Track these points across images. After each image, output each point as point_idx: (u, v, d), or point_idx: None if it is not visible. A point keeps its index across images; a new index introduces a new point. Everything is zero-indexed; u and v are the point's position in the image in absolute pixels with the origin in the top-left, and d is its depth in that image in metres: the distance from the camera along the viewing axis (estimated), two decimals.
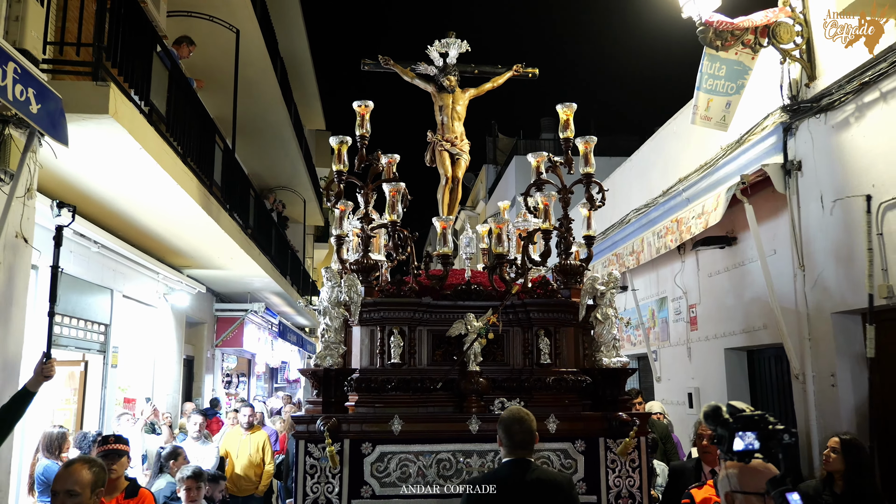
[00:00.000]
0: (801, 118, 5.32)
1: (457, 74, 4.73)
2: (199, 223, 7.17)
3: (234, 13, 8.93)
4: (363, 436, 3.53)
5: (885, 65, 4.45)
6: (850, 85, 4.78)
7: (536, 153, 4.37)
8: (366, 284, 3.87)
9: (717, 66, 5.44)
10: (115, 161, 5.10)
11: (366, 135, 4.24)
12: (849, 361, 5.01)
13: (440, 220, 4.00)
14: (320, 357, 3.74)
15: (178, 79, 6.35)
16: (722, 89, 5.53)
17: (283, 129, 12.77)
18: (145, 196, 6.16)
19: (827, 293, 5.10)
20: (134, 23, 5.05)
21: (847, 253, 4.87)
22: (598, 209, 4.23)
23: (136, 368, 8.89)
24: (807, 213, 5.30)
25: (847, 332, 5.03)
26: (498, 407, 3.66)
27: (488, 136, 22.62)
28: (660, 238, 7.08)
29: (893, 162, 4.47)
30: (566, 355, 3.88)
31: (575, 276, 4.10)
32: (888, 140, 4.52)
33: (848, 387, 4.99)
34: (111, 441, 4.04)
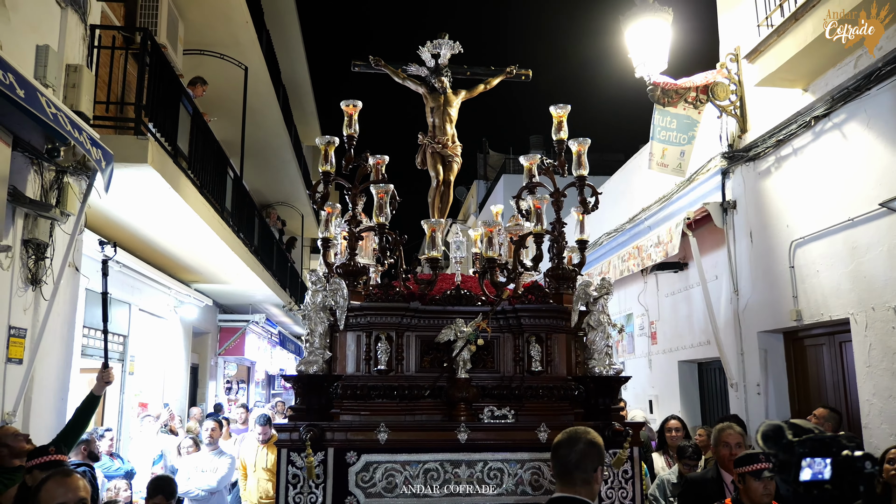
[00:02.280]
0: (736, 164, 6.21)
1: (449, 76, 4.59)
2: (211, 244, 7.99)
3: (243, 52, 9.77)
4: (348, 444, 3.39)
5: (796, 126, 5.34)
6: (771, 140, 5.67)
7: (529, 155, 4.29)
8: (352, 289, 3.71)
9: (668, 119, 6.30)
10: (147, 198, 5.94)
11: (353, 135, 4.07)
12: (772, 373, 5.88)
13: (429, 223, 3.86)
14: (305, 363, 3.58)
15: (198, 120, 7.20)
16: (675, 140, 6.36)
17: (284, 151, 13.62)
18: (166, 223, 6.98)
19: (755, 314, 5.98)
20: (165, 81, 5.90)
21: (770, 281, 5.75)
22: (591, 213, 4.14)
23: (149, 375, 9.67)
24: (739, 245, 6.19)
25: (771, 348, 5.91)
26: (487, 415, 3.54)
27: (479, 153, 23.51)
28: (623, 262, 7.97)
29: (802, 206, 5.35)
30: (558, 362, 3.74)
31: (567, 281, 3.96)
32: (798, 187, 5.40)
33: (772, 393, 5.86)
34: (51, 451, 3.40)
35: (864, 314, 4.69)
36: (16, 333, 4.41)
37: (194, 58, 9.68)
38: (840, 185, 4.93)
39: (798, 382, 5.75)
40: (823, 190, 5.10)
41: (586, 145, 4.04)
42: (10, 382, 4.34)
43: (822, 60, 4.88)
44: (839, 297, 4.94)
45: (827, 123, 5.05)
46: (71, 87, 4.92)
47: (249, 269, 9.62)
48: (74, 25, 5.11)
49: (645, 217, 8.02)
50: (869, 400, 4.66)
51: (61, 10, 4.97)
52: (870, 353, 4.65)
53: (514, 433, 3.47)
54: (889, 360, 4.48)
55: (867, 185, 4.64)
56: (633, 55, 6.10)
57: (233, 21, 9.17)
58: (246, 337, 13.22)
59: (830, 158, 5.04)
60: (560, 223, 4.01)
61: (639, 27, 6.02)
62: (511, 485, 3.41)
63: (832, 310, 5.02)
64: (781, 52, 4.95)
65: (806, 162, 5.32)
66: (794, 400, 5.78)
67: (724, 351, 6.25)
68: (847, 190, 4.85)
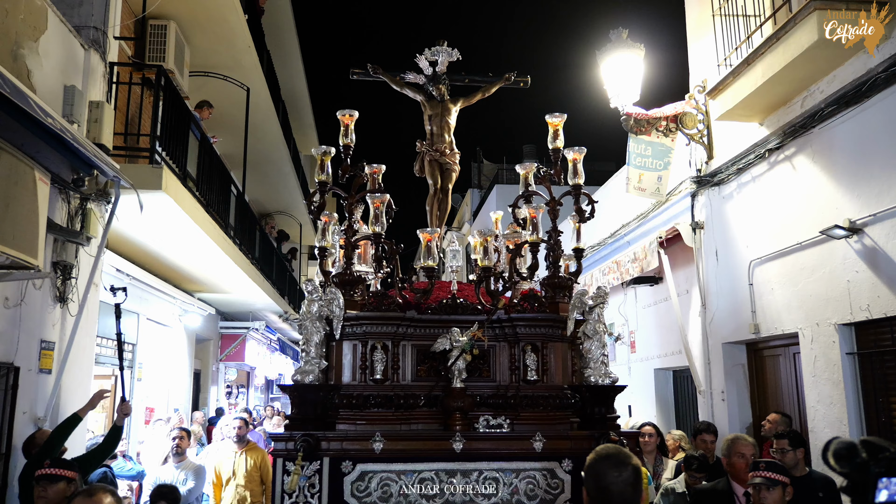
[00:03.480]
0: (704, 188, 6.73)
1: (447, 84, 4.57)
2: (215, 258, 8.48)
3: (245, 73, 10.27)
4: (343, 454, 3.38)
5: (753, 157, 5.86)
6: (732, 167, 6.19)
7: (525, 164, 4.26)
8: (348, 298, 3.70)
9: (644, 147, 6.78)
10: (159, 220, 6.43)
11: (350, 144, 4.05)
12: (735, 381, 6.39)
13: (425, 232, 3.84)
14: (301, 372, 3.58)
15: (205, 144, 7.70)
16: (651, 165, 6.83)
17: (283, 164, 14.12)
18: (175, 240, 7.47)
19: (720, 327, 6.49)
20: (177, 111, 6.40)
21: (733, 296, 6.26)
22: (587, 221, 4.13)
23: (155, 381, 10.14)
24: (707, 263, 6.70)
25: (733, 357, 6.42)
26: (483, 425, 3.51)
27: (473, 162, 24.03)
28: (604, 276, 8.49)
29: (760, 229, 5.86)
30: (554, 371, 3.72)
31: (563, 290, 3.95)
32: (756, 212, 5.92)
33: (734, 400, 6.37)
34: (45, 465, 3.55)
35: (810, 329, 5.20)
36: (46, 346, 4.90)
37: (199, 79, 10.18)
38: (791, 211, 5.44)
39: (758, 390, 6.26)
40: (777, 215, 5.62)
41: (582, 154, 4.04)
42: (41, 391, 4.83)
43: (773, 99, 5.40)
44: (790, 312, 5.45)
45: (780, 155, 5.57)
46: (94, 121, 5.41)
47: (250, 280, 10.11)
48: (96, 64, 5.61)
49: (624, 233, 8.53)
50: (814, 406, 5.17)
51: (84, 51, 5.47)
52: (815, 365, 5.16)
53: (510, 442, 3.48)
54: (830, 371, 4.99)
55: (813, 213, 5.15)
56: (608, 87, 6.61)
57: (236, 46, 9.67)
58: (246, 343, 13.70)
59: (783, 187, 5.56)
60: (556, 232, 3.98)
61: (613, 61, 6.53)
62: (506, 494, 3.42)
63: (784, 324, 5.53)
64: (738, 91, 5.47)
65: (762, 189, 5.84)
66: (754, 406, 6.29)
67: (693, 360, 6.76)
68: (797, 216, 5.36)
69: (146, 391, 9.75)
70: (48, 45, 4.88)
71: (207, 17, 8.89)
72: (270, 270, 12.55)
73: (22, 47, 4.53)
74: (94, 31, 5.71)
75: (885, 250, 4.48)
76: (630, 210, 8.45)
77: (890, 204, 4.44)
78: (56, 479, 3.47)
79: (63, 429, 4.26)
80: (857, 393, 4.83)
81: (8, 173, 3.59)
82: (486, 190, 21.02)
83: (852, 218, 4.73)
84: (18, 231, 3.69)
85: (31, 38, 4.66)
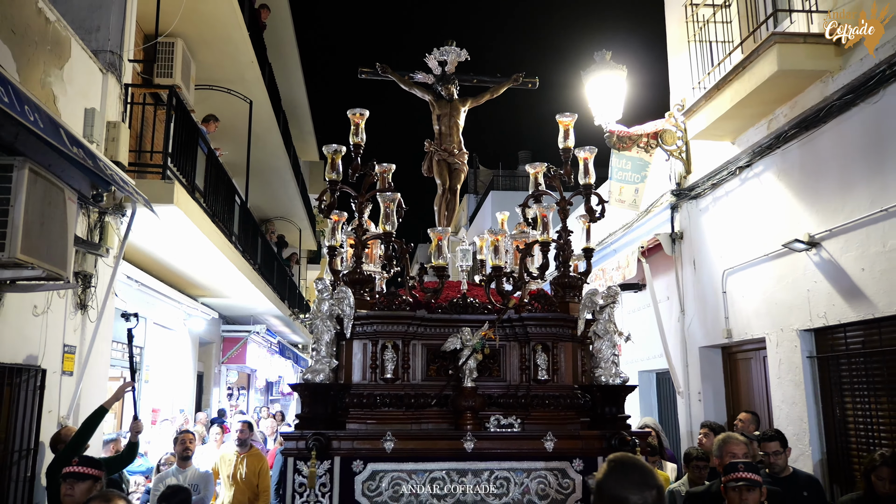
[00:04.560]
0: (682, 201, 7.15)
1: (455, 84, 4.56)
2: (220, 265, 8.88)
3: (248, 87, 10.69)
4: (354, 453, 3.39)
5: (726, 173, 6.28)
6: (708, 182, 6.61)
7: (535, 164, 4.26)
8: (358, 297, 3.70)
9: (624, 162, 7.21)
10: (170, 231, 6.83)
11: (360, 143, 4.02)
12: (710, 382, 6.80)
13: (435, 231, 3.85)
14: (311, 371, 3.58)
15: (212, 158, 8.11)
16: (630, 179, 7.26)
17: (283, 171, 14.54)
18: (183, 248, 7.87)
19: (697, 331, 6.91)
20: (187, 129, 6.81)
21: (708, 303, 6.68)
22: (597, 221, 4.13)
23: (160, 383, 10.53)
24: (685, 271, 7.12)
25: (709, 361, 6.83)
26: (494, 424, 3.50)
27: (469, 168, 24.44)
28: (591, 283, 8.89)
29: (732, 240, 6.28)
30: (564, 371, 3.72)
31: (573, 289, 3.96)
32: (729, 224, 6.34)
33: (710, 400, 6.79)
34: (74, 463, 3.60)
35: (776, 334, 5.61)
36: (68, 350, 5.30)
37: (203, 91, 10.59)
38: (759, 224, 5.86)
39: (732, 390, 6.68)
40: (747, 227, 6.03)
41: (593, 154, 4.04)
42: (64, 392, 5.22)
43: (742, 121, 5.82)
44: (759, 319, 5.87)
45: (749, 173, 5.99)
46: (111, 140, 5.81)
47: (252, 285, 10.51)
48: (113, 86, 6.01)
49: (610, 242, 8.95)
50: (779, 406, 5.58)
51: (103, 75, 5.87)
52: (779, 367, 5.57)
53: (521, 442, 3.48)
54: (793, 374, 5.40)
55: (778, 227, 5.57)
56: (592, 105, 7.03)
57: (239, 61, 10.10)
58: (247, 346, 14.09)
59: (752, 202, 5.98)
60: (566, 231, 3.98)
61: (597, 81, 6.95)
62: (517, 494, 3.42)
63: (753, 330, 5.94)
64: (710, 113, 5.88)
65: (734, 203, 6.26)
66: (729, 405, 6.70)
67: (672, 363, 7.16)
68: (764, 229, 5.77)
69: (153, 393, 10.14)
70: (71, 71, 5.29)
71: (213, 35, 9.31)
72: (271, 275, 12.95)
73: (49, 75, 4.94)
74: (110, 54, 6.12)
75: (839, 263, 4.90)
76: (616, 220, 8.87)
77: (844, 220, 4.85)
78: (84, 477, 3.54)
79: (91, 421, 4.55)
80: (816, 393, 5.24)
81: (43, 195, 3.99)
82: (483, 195, 21.44)
83: (812, 232, 5.15)
84: (52, 247, 4.10)
85: (57, 66, 5.06)
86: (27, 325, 4.72)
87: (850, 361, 4.96)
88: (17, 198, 3.77)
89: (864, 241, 4.66)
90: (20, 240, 3.75)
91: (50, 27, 4.94)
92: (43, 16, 4.84)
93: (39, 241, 3.97)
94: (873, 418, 4.76)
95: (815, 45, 4.88)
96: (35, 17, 4.75)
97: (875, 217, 4.56)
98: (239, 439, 6.03)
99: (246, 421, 6.31)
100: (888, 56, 4.40)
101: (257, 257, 11.32)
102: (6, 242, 3.71)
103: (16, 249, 3.72)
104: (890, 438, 4.57)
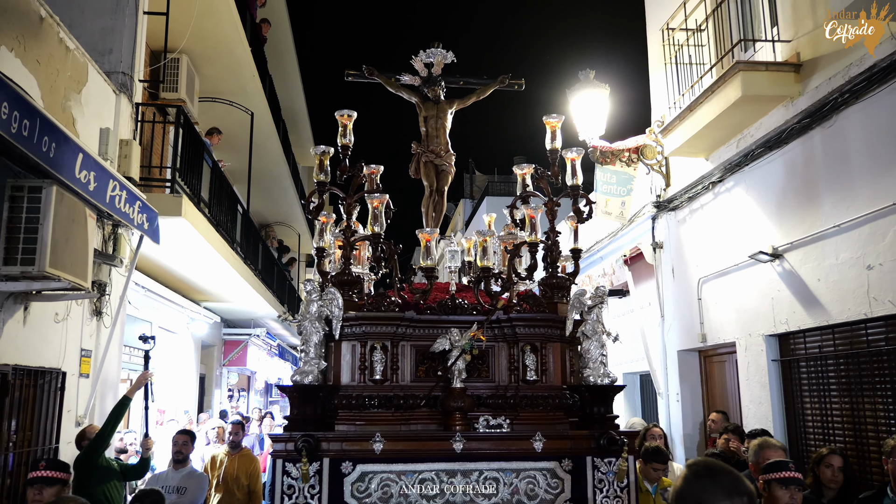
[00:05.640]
0: (662, 212, 7.56)
1: (442, 86, 4.57)
2: (223, 271, 9.28)
3: (249, 99, 11.09)
4: (343, 454, 3.39)
5: (701, 187, 6.69)
6: (685, 196, 7.02)
7: (522, 165, 4.30)
8: (347, 298, 3.71)
9: (609, 175, 7.61)
10: (177, 241, 7.22)
11: (348, 145, 4.02)
12: (688, 384, 7.21)
13: (424, 232, 3.87)
14: (300, 373, 3.58)
15: (216, 171, 8.51)
16: (616, 192, 7.66)
17: (283, 179, 14.94)
18: (188, 257, 8.27)
19: (675, 336, 7.31)
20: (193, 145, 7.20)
21: (686, 309, 7.08)
22: (585, 222, 4.19)
23: (165, 385, 10.91)
24: (665, 279, 7.53)
25: (687, 363, 7.24)
26: (483, 425, 3.52)
27: (465, 173, 24.89)
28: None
29: (706, 250, 6.69)
30: (553, 371, 3.75)
31: (561, 290, 3.99)
32: (704, 235, 6.75)
33: (688, 401, 7.19)
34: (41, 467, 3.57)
35: (745, 339, 6.02)
36: (85, 354, 5.69)
37: (206, 104, 11.00)
38: (730, 236, 6.27)
39: (708, 391, 7.08)
40: (719, 239, 6.44)
41: (580, 155, 4.10)
42: (81, 393, 5.61)
43: (713, 140, 6.23)
44: (730, 324, 6.27)
45: (721, 187, 6.40)
46: (123, 157, 6.20)
47: (254, 290, 10.90)
48: (125, 106, 6.41)
49: (597, 249, 9.35)
50: (748, 406, 5.99)
51: (116, 96, 6.27)
52: (748, 370, 5.98)
53: (510, 442, 3.51)
54: (759, 375, 5.81)
55: (746, 238, 5.97)
56: (577, 121, 7.44)
57: (241, 75, 10.49)
58: (248, 349, 14.48)
59: (724, 214, 6.39)
60: (554, 232, 4.01)
61: (581, 98, 7.36)
62: (506, 494, 3.45)
63: (726, 335, 6.35)
64: (684, 132, 6.29)
65: (709, 215, 6.67)
66: (705, 405, 7.11)
67: (653, 365, 7.58)
68: (735, 240, 6.18)
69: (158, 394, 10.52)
70: (88, 94, 5.68)
71: (216, 51, 9.71)
72: (271, 280, 13.34)
73: (69, 99, 5.33)
74: (122, 75, 6.51)
75: (799, 273, 5.31)
76: (602, 229, 9.28)
77: (803, 234, 5.26)
78: (52, 481, 3.48)
79: (117, 410, 4.91)
80: (780, 394, 5.65)
81: (68, 213, 4.39)
82: (478, 201, 21.86)
83: (775, 245, 5.56)
84: (75, 260, 4.49)
85: (76, 90, 5.46)
86: (49, 331, 5.11)
87: (809, 365, 5.37)
88: (46, 217, 4.17)
89: (820, 253, 5.07)
90: (48, 255, 4.14)
91: (70, 55, 5.33)
92: (64, 45, 5.23)
93: (64, 255, 4.36)
94: (829, 417, 5.16)
95: (777, 73, 5.30)
96: (57, 46, 5.15)
97: (829, 232, 4.97)
98: (232, 441, 6.04)
99: (237, 422, 6.32)
100: (839, 85, 4.82)
101: (258, 263, 11.72)
102: (36, 257, 4.10)
103: (45, 263, 4.12)
104: (843, 436, 4.98)
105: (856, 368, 4.88)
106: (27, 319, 4.76)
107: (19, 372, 4.65)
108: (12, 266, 4.08)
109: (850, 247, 4.78)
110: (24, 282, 4.26)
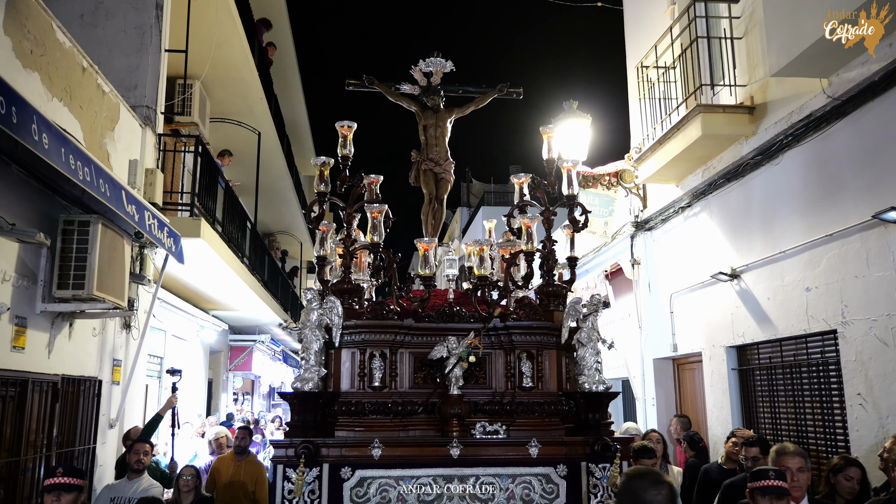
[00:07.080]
0: (640, 231, 8.24)
1: (441, 94, 4.63)
2: (233, 283, 9.94)
3: (257, 119, 11.78)
4: (343, 460, 3.45)
5: (672, 211, 7.37)
6: (659, 217, 7.70)
7: (520, 175, 4.38)
8: (346, 306, 3.78)
9: (591, 198, 8.28)
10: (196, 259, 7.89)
11: (348, 155, 4.10)
12: (662, 389, 7.88)
13: (422, 241, 3.92)
14: (300, 380, 3.66)
15: (229, 192, 9.19)
16: (598, 213, 8.36)
17: (286, 191, 15.63)
18: (204, 272, 8.93)
19: (651, 345, 7.98)
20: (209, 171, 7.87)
21: (660, 321, 7.75)
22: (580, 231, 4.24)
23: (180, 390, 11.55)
24: (642, 292, 8.20)
25: (662, 370, 7.91)
26: (479, 431, 3.58)
27: (462, 182, 25.55)
28: None
29: (677, 268, 7.36)
30: (549, 378, 3.81)
31: (558, 298, 4.04)
32: (675, 254, 7.42)
33: (662, 405, 7.86)
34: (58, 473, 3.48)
35: (709, 349, 6.69)
36: (116, 363, 6.35)
37: (216, 123, 11.68)
38: (697, 256, 6.94)
39: (681, 397, 7.75)
40: (688, 258, 7.12)
41: (576, 165, 4.16)
42: (114, 398, 6.27)
43: (681, 170, 6.91)
44: (697, 336, 6.94)
45: (690, 212, 7.08)
46: (149, 185, 6.87)
47: (260, 300, 11.57)
48: (149, 137, 7.08)
49: (582, 263, 10.03)
50: (711, 410, 6.66)
51: (142, 129, 6.94)
52: (712, 377, 6.65)
53: (506, 448, 3.58)
54: (721, 383, 6.48)
55: (710, 259, 6.64)
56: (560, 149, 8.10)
57: (249, 97, 11.18)
58: (253, 354, 15.15)
59: (691, 236, 7.06)
60: (550, 241, 4.06)
61: (565, 127, 8.03)
62: (502, 499, 3.51)
63: (693, 345, 7.02)
64: (655, 162, 6.96)
65: (679, 237, 7.34)
66: (677, 409, 7.77)
67: (632, 372, 8.25)
68: (700, 260, 6.85)
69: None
70: (120, 130, 6.35)
71: (227, 76, 10.40)
72: (276, 288, 14.01)
73: (105, 137, 6.00)
74: (146, 109, 7.18)
75: (753, 292, 5.98)
76: (587, 245, 9.95)
77: (756, 258, 5.93)
78: (70, 488, 3.42)
79: (150, 426, 5.65)
80: (739, 400, 6.32)
81: (111, 243, 5.05)
82: (475, 209, 22.52)
83: (734, 266, 6.23)
84: (115, 283, 5.16)
85: (110, 129, 6.12)
86: (88, 344, 5.77)
87: (762, 374, 6.04)
88: (94, 246, 4.83)
89: (769, 275, 5.74)
90: (95, 280, 4.81)
91: (105, 98, 6.00)
92: (101, 90, 5.90)
93: (107, 279, 5.03)
94: (778, 422, 5.83)
95: (733, 114, 5.98)
96: (95, 91, 5.81)
97: (777, 256, 5.64)
98: (238, 446, 5.96)
99: (243, 427, 6.37)
100: (784, 129, 5.49)
101: (264, 273, 12.38)
102: (85, 282, 4.77)
103: (92, 287, 4.78)
104: (789, 438, 5.64)
105: (798, 378, 5.55)
106: (72, 335, 5.42)
107: (66, 381, 5.30)
108: (65, 290, 4.74)
109: (792, 270, 5.45)
110: (74, 303, 4.93)
